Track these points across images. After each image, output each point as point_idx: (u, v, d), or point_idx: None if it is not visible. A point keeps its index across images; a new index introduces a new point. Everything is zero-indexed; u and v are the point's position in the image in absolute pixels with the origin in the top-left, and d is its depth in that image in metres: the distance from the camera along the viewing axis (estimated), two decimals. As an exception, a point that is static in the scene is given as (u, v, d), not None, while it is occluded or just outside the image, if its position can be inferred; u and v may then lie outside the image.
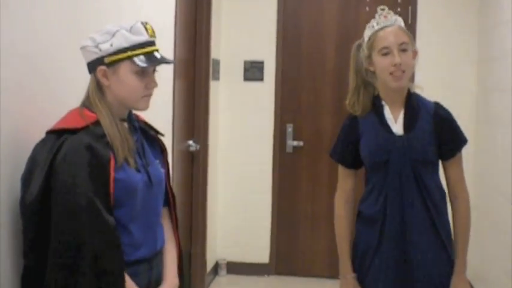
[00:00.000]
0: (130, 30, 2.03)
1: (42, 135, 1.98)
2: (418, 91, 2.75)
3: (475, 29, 5.27)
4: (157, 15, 3.56)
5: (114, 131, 1.99)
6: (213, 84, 5.15)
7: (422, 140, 2.62)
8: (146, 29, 2.05)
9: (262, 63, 5.54)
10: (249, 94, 5.57)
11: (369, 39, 2.67)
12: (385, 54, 2.59)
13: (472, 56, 5.29)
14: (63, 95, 2.26)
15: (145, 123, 2.24)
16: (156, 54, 2.06)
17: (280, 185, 5.64)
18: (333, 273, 5.59)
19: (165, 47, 3.66)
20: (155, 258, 2.18)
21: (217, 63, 5.34)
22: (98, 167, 1.90)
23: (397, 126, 2.65)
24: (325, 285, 5.42)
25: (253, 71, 5.55)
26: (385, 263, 2.65)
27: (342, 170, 2.82)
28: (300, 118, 5.59)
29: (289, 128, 5.58)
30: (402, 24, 2.68)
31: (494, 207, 4.58)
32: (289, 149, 5.59)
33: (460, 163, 2.72)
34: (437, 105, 2.70)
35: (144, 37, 2.03)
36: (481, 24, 5.21)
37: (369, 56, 2.66)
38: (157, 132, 2.29)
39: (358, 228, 2.80)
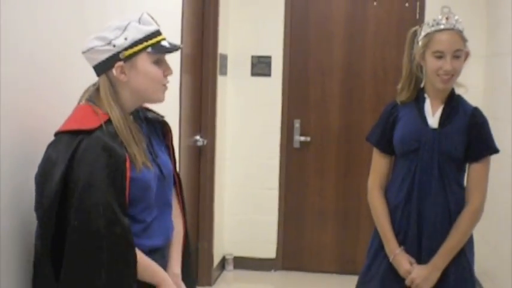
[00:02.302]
0: (140, 21, 1.99)
1: (46, 135, 1.95)
2: (461, 91, 2.82)
3: (483, 24, 5.25)
4: (164, 10, 3.56)
5: (128, 135, 1.96)
6: (220, 79, 5.14)
7: (453, 137, 2.71)
8: (152, 18, 2.04)
9: (269, 58, 5.52)
10: (256, 89, 5.56)
11: (426, 36, 2.72)
12: (438, 57, 2.67)
13: (479, 51, 5.25)
14: (68, 94, 2.21)
15: (146, 108, 2.20)
16: (166, 42, 2.04)
17: (287, 180, 5.63)
18: (340, 269, 5.63)
19: (172, 41, 3.66)
20: (166, 247, 2.20)
21: (224, 58, 5.33)
22: (115, 168, 1.88)
23: (433, 120, 2.75)
24: (332, 280, 5.43)
25: (260, 66, 5.54)
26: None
27: (376, 155, 2.91)
28: (308, 113, 5.58)
29: (297, 124, 5.57)
30: (462, 27, 2.72)
31: (502, 203, 4.57)
32: (296, 144, 5.59)
33: (482, 170, 2.76)
34: (476, 110, 2.79)
35: (154, 26, 2.02)
36: (489, 20, 5.19)
37: (423, 52, 2.73)
38: (158, 114, 2.23)
39: None
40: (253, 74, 5.55)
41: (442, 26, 2.68)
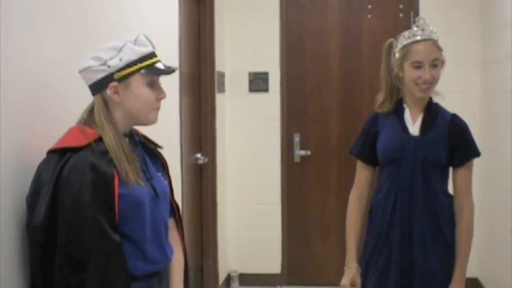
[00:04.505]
0: (135, 42, 2.01)
1: (44, 155, 1.96)
2: (439, 99, 2.87)
3: (477, 31, 5.29)
4: (161, 31, 3.58)
5: (121, 153, 1.97)
6: (218, 96, 5.17)
7: (435, 143, 2.76)
8: (149, 40, 2.06)
9: (266, 74, 5.55)
10: (254, 105, 5.59)
11: (403, 47, 2.77)
12: (417, 67, 2.72)
13: (474, 58, 5.29)
14: (73, 111, 2.19)
15: (144, 137, 2.22)
16: (160, 64, 2.06)
17: (289, 195, 5.65)
18: (345, 281, 5.62)
19: (171, 61, 3.68)
20: (165, 271, 2.19)
21: (222, 75, 5.36)
22: (102, 185, 1.89)
23: (414, 128, 2.80)
24: (338, 293, 5.42)
25: (258, 82, 5.57)
26: (389, 261, 2.79)
27: (359, 165, 2.98)
28: (307, 127, 5.60)
29: (296, 138, 5.59)
30: (437, 37, 2.78)
31: (499, 207, 4.59)
32: (297, 159, 5.60)
33: (468, 174, 2.82)
34: (455, 116, 2.84)
35: (149, 48, 2.04)
36: (483, 27, 5.23)
37: (401, 64, 2.78)
38: (156, 145, 2.26)
39: (369, 226, 2.93)
40: (251, 90, 5.58)
41: (418, 37, 2.74)
